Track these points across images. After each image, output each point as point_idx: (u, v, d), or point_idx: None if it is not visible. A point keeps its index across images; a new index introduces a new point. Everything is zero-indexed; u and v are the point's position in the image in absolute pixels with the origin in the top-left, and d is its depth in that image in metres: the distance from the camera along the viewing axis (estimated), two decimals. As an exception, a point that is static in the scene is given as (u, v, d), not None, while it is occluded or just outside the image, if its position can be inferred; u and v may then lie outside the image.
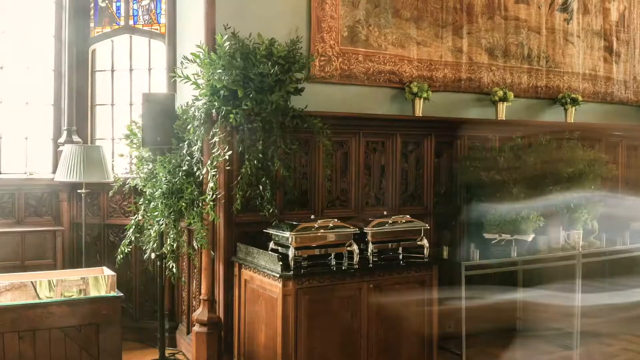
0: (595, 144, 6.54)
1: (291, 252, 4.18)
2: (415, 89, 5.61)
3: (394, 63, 5.71)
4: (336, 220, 4.47)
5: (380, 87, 5.68)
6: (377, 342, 4.38)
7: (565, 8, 6.70)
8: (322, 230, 4.33)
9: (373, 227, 4.59)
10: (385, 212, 5.14)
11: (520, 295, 6.03)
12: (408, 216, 4.84)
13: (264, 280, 4.29)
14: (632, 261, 5.95)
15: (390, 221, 4.69)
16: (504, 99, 6.02)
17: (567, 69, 6.67)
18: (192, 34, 5.39)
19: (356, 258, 4.39)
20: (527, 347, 5.62)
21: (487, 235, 5.28)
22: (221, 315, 4.78)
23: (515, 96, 6.17)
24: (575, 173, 5.37)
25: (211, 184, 4.53)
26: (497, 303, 5.99)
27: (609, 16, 7.04)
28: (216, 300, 4.81)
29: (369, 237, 4.55)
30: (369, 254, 4.51)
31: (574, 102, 6.47)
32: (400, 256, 4.64)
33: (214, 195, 4.55)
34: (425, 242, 4.71)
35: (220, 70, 4.55)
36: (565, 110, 6.49)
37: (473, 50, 6.10)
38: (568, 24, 6.70)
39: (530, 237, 5.19)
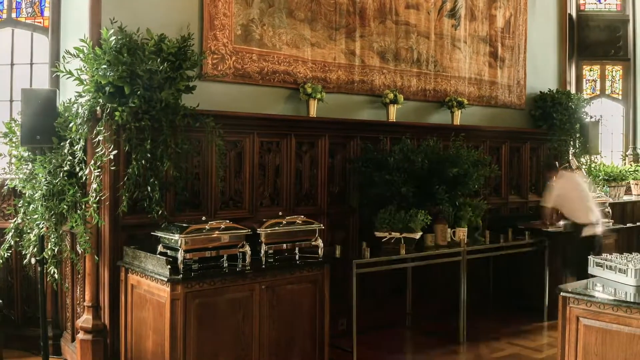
0: (480, 145, 6.86)
1: (180, 255, 4.08)
2: (309, 90, 5.65)
3: (289, 63, 5.72)
4: (228, 221, 4.41)
5: (275, 87, 5.67)
6: (269, 343, 4.36)
7: (453, 14, 6.97)
8: (213, 232, 4.26)
9: (266, 227, 4.56)
10: (280, 213, 5.14)
11: (410, 291, 6.22)
12: (303, 216, 4.85)
13: (151, 284, 4.16)
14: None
15: (284, 222, 4.69)
16: (394, 101, 6.19)
17: (454, 73, 6.95)
18: (76, 27, 5.15)
19: (248, 259, 4.35)
20: (416, 341, 5.80)
21: (377, 234, 5.40)
22: (107, 321, 4.59)
23: (405, 99, 6.36)
24: (460, 173, 5.59)
25: (95, 185, 4.35)
26: (387, 300, 6.16)
27: (495, 22, 7.40)
28: (101, 307, 4.62)
29: (262, 238, 4.52)
30: (262, 254, 4.49)
31: (460, 105, 6.75)
32: (297, 256, 4.64)
33: (98, 197, 4.37)
34: (319, 242, 4.75)
35: (105, 66, 4.38)
36: (452, 112, 6.76)
37: (365, 53, 6.22)
38: (456, 29, 6.98)
39: (418, 235, 5.36)
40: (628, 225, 7.99)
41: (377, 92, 6.30)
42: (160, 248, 4.28)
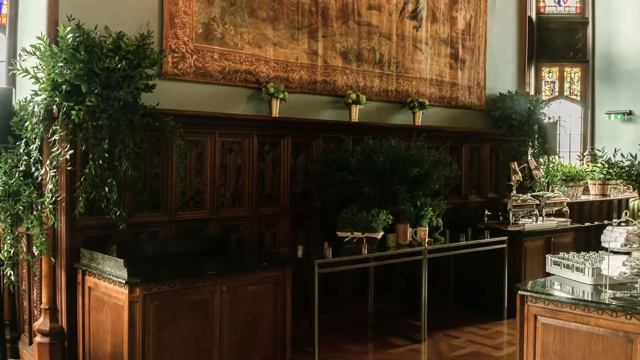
0: (440, 145, 6.93)
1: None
2: (271, 90, 5.63)
3: (251, 63, 5.68)
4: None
5: (237, 86, 5.63)
6: (230, 346, 4.32)
7: (414, 16, 7.02)
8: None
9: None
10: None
11: (372, 290, 6.25)
12: None
13: (109, 287, 4.09)
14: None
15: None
16: (357, 101, 6.21)
17: (415, 75, 7.01)
18: (34, 25, 5.04)
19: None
20: (378, 341, 5.83)
21: (340, 234, 5.41)
22: (64, 324, 4.50)
23: (367, 99, 6.38)
24: (421, 173, 5.64)
25: (50, 186, 4.25)
26: (350, 299, 6.18)
27: (455, 24, 7.48)
28: (58, 309, 4.52)
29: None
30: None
31: (422, 106, 6.80)
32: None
33: (54, 198, 4.28)
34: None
35: (62, 64, 4.28)
36: (414, 113, 6.82)
37: (328, 54, 6.22)
38: (417, 31, 7.04)
39: (380, 235, 5.39)
40: (586, 224, 8.18)
41: (339, 93, 6.31)
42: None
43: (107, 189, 4.37)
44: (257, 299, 4.47)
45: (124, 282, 3.92)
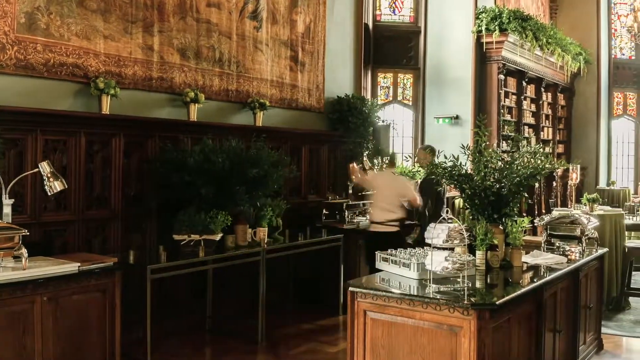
0: (281, 146, 6.98)
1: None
2: (101, 85, 5.32)
3: (79, 56, 5.33)
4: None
5: (63, 80, 5.25)
6: (53, 358, 4.01)
7: (255, 16, 7.00)
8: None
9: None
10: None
11: (210, 294, 6.14)
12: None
13: None
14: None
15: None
16: (195, 100, 6.06)
17: (256, 75, 6.99)
18: None
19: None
20: (215, 344, 5.74)
21: (176, 237, 5.25)
22: None
23: (207, 98, 6.26)
24: (260, 173, 5.63)
25: None
26: (188, 304, 6.03)
27: (295, 27, 7.57)
28: None
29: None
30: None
31: (262, 106, 6.81)
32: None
33: None
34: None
35: None
36: (255, 114, 6.80)
37: (165, 50, 6.01)
38: (258, 31, 7.03)
39: (218, 236, 5.30)
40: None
41: (177, 91, 6.12)
42: None
43: None
44: (83, 308, 4.18)
45: None
